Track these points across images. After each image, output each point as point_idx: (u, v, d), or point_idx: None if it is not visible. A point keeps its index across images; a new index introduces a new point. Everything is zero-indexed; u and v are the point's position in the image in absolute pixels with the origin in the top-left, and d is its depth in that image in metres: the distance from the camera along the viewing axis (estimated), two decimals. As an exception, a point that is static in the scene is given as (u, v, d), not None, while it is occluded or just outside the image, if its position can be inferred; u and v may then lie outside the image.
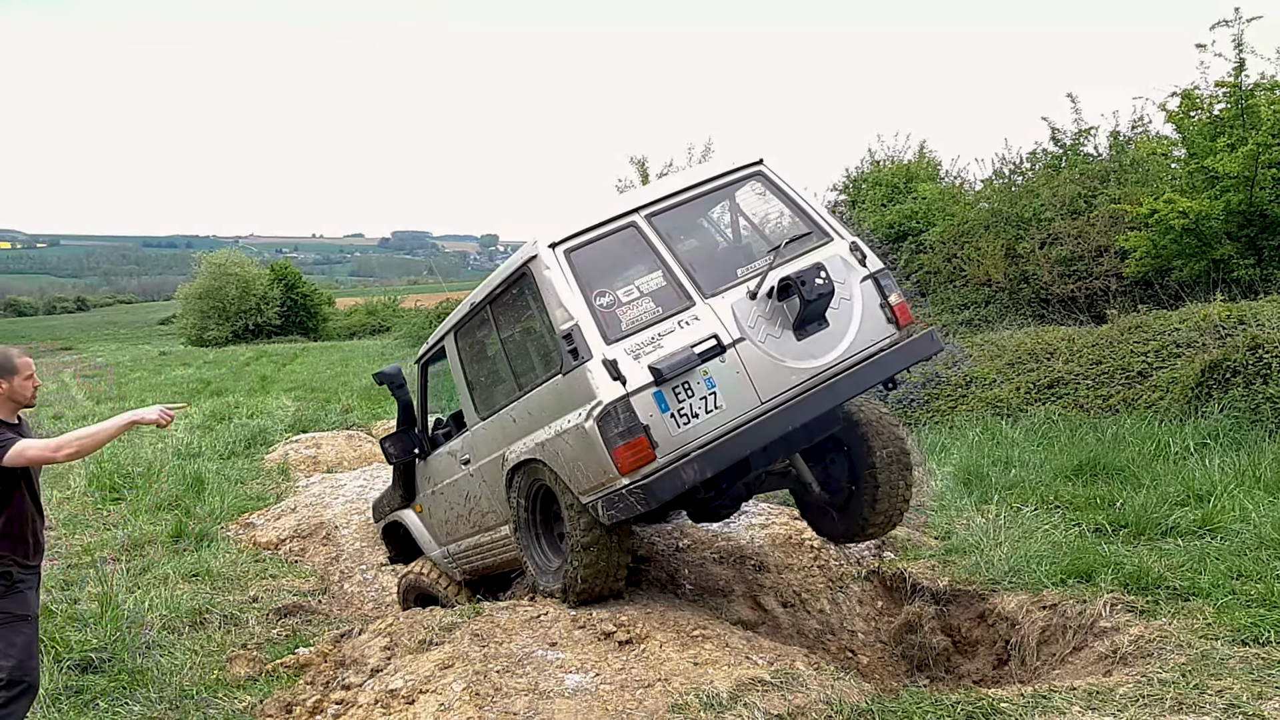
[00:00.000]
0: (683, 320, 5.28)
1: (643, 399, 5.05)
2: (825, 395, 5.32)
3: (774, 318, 5.41)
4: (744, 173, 5.93)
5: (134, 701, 5.31)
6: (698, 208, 5.93)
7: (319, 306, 54.17)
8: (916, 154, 23.09)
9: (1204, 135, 13.10)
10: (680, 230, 5.81)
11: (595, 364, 5.08)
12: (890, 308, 5.67)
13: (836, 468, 6.35)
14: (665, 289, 5.39)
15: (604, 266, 5.46)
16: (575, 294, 5.25)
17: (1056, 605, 5.85)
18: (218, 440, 14.72)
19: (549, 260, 5.34)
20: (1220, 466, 7.70)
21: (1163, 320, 11.37)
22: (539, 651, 5.07)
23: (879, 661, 6.61)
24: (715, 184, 5.86)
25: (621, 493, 5.03)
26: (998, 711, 4.31)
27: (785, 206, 5.89)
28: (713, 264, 5.74)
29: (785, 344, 5.39)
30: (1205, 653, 4.70)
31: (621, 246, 5.54)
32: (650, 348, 5.16)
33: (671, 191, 5.73)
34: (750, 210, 6.03)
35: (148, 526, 9.46)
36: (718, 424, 5.17)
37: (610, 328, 5.20)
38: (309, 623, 6.93)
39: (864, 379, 5.43)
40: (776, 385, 5.31)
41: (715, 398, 5.18)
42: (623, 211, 5.58)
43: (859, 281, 5.65)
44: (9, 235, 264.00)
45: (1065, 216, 15.76)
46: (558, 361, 5.35)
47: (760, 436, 5.18)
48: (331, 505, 10.43)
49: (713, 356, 5.19)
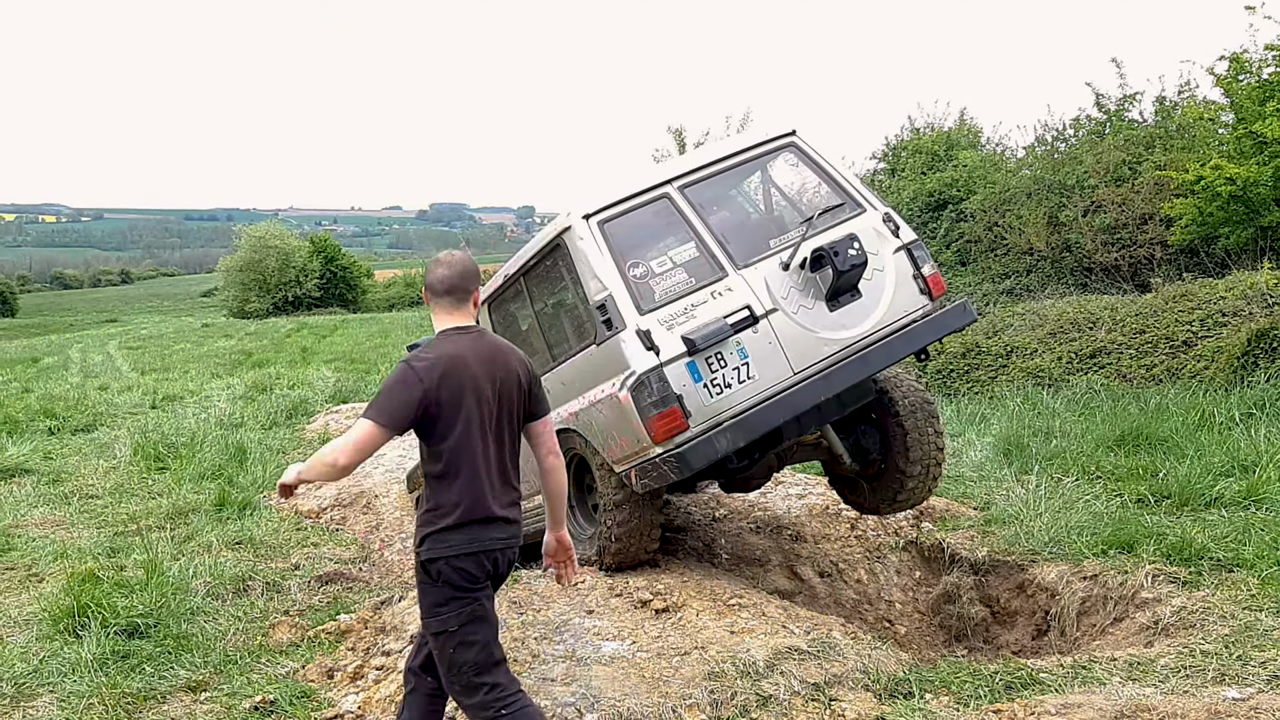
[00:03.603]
0: (716, 291, 5.28)
1: (676, 369, 5.07)
2: (857, 366, 5.32)
3: (807, 289, 5.40)
4: (777, 143, 5.89)
5: (179, 666, 5.39)
6: (731, 179, 5.91)
7: (358, 278, 54.53)
8: (957, 121, 22.78)
9: (1253, 100, 12.80)
10: (713, 201, 5.79)
11: (629, 334, 5.10)
12: (923, 279, 5.64)
13: (868, 439, 6.32)
14: (698, 260, 5.39)
15: (637, 237, 5.46)
16: (609, 265, 5.26)
17: (1097, 576, 5.79)
18: (259, 411, 14.87)
19: (583, 231, 5.35)
20: (1266, 436, 7.59)
21: (1208, 289, 11.19)
22: (576, 619, 5.10)
23: (916, 632, 6.59)
24: (748, 155, 5.83)
25: (655, 461, 5.06)
26: (1037, 682, 4.29)
27: (818, 177, 5.85)
28: (745, 235, 5.72)
29: (818, 315, 5.38)
30: (1249, 624, 4.65)
31: (655, 218, 5.54)
32: (683, 318, 5.17)
33: (704, 162, 5.72)
34: (783, 181, 6.00)
35: (191, 495, 9.58)
36: (750, 394, 5.18)
37: (644, 298, 5.21)
38: (350, 590, 7.00)
39: (896, 350, 5.41)
40: (809, 356, 5.31)
41: (748, 368, 5.19)
42: (656, 183, 5.57)
43: (892, 252, 5.63)
44: (53, 209, 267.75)
45: (1109, 184, 15.51)
46: (591, 332, 5.37)
47: (792, 406, 5.18)
48: (372, 474, 10.52)
49: (745, 327, 5.20)
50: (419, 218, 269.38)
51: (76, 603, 5.89)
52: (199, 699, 5.07)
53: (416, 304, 49.15)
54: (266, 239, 49.95)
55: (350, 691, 5.01)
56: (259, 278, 49.51)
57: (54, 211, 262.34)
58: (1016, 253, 16.62)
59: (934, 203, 19.03)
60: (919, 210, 18.75)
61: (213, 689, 5.18)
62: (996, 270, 16.80)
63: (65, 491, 10.08)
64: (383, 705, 4.74)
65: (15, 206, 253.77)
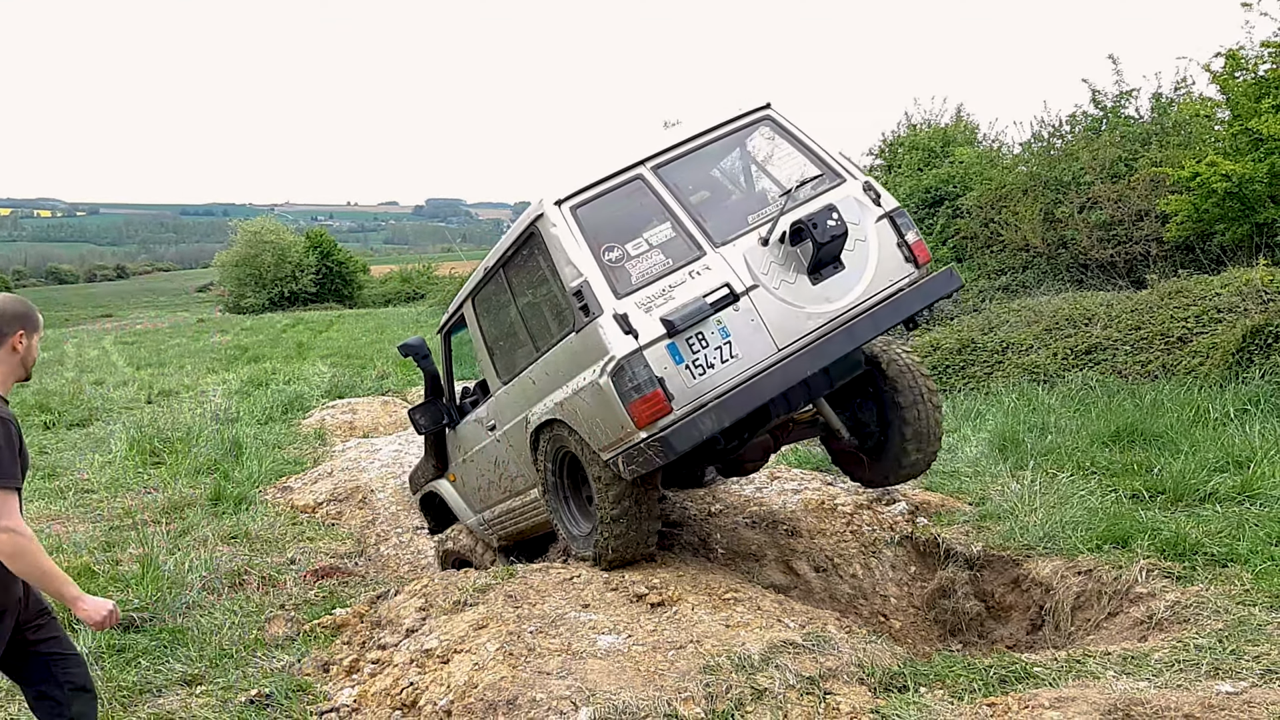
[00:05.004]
0: (694, 270, 5.21)
1: (656, 351, 5.00)
2: (843, 338, 5.23)
3: (788, 263, 5.31)
4: (751, 118, 5.80)
5: (175, 660, 5.39)
6: (706, 156, 5.81)
7: (354, 274, 54.46)
8: (954, 117, 22.81)
9: (1249, 96, 12.80)
10: (689, 180, 5.69)
11: (606, 319, 5.03)
12: (908, 246, 5.54)
13: (865, 412, 6.27)
14: (675, 240, 5.31)
15: (611, 221, 5.38)
16: (583, 250, 5.19)
17: (1092, 571, 5.80)
18: (255, 405, 14.89)
19: (555, 218, 5.28)
20: (1261, 433, 7.59)
21: (1204, 285, 11.20)
22: (572, 613, 5.10)
23: (911, 626, 6.60)
24: (723, 131, 5.74)
25: (640, 446, 4.99)
26: (1031, 675, 4.29)
27: (795, 149, 5.74)
28: (723, 212, 5.64)
29: (800, 289, 5.30)
30: (1242, 619, 4.66)
31: (628, 200, 5.47)
32: (661, 300, 5.10)
33: (678, 141, 5.63)
34: (760, 156, 5.90)
35: (187, 490, 9.59)
36: (734, 373, 5.11)
37: (620, 282, 5.14)
38: (345, 584, 7.01)
39: (882, 320, 5.32)
40: (793, 331, 5.23)
41: (730, 347, 5.12)
42: (628, 165, 5.49)
43: (874, 221, 5.53)
44: (49, 204, 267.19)
45: (1105, 180, 15.52)
46: (570, 320, 5.29)
47: (778, 383, 5.10)
48: (367, 469, 10.53)
49: (725, 305, 5.12)
50: (415, 213, 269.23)
51: (72, 597, 5.87)
52: (195, 693, 5.08)
53: (412, 299, 49.12)
54: (262, 234, 49.87)
55: (346, 685, 5.02)
56: (255, 273, 49.44)
57: (49, 206, 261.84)
58: (1012, 249, 16.64)
59: (930, 199, 19.05)
60: (915, 206, 18.76)
61: (208, 683, 5.19)
62: (992, 266, 16.82)
63: (61, 486, 10.09)
64: (379, 699, 4.75)
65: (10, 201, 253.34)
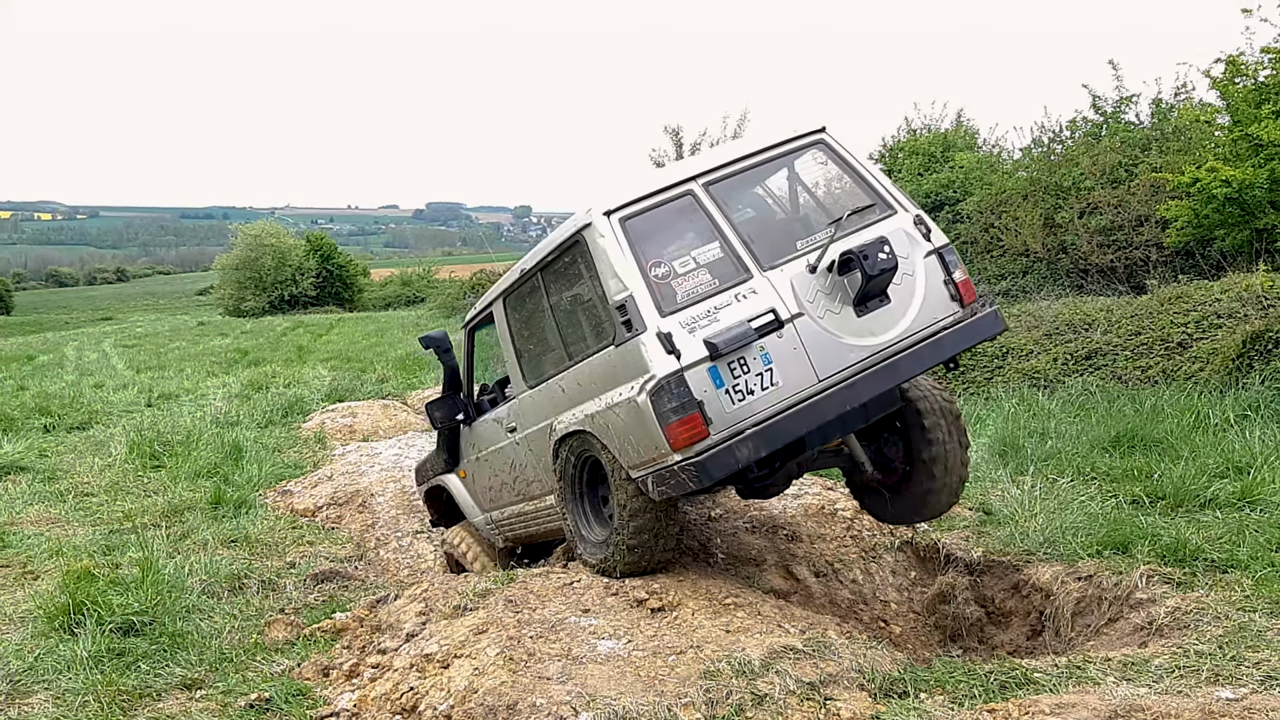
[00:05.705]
0: (740, 293, 5.11)
1: (697, 374, 4.91)
2: (885, 374, 5.14)
3: (834, 293, 5.21)
4: (805, 140, 5.70)
5: (174, 664, 5.39)
6: (756, 176, 5.70)
7: (354, 277, 54.52)
8: (954, 122, 22.86)
9: (1249, 102, 12.80)
10: (738, 200, 5.59)
11: (649, 337, 4.93)
12: (955, 284, 5.43)
13: (891, 447, 6.16)
14: (722, 260, 5.21)
15: (660, 236, 5.28)
16: (630, 264, 5.08)
17: (1092, 576, 5.80)
18: (255, 409, 14.87)
19: (604, 228, 5.18)
20: (1261, 438, 7.60)
21: (1204, 291, 11.21)
22: (572, 618, 5.10)
23: (912, 631, 6.59)
24: (775, 152, 5.64)
25: (673, 469, 4.91)
26: (1031, 681, 4.29)
27: (848, 176, 5.66)
28: (771, 235, 5.52)
29: (845, 320, 5.19)
30: (1243, 625, 4.66)
31: (678, 215, 5.36)
32: (706, 321, 5.00)
33: (730, 159, 5.53)
34: (810, 180, 5.81)
35: (187, 493, 9.58)
36: (773, 401, 5.01)
37: (665, 299, 5.04)
38: (345, 588, 7.01)
39: (925, 358, 5.22)
40: (835, 363, 5.13)
41: (771, 374, 5.02)
42: (680, 179, 5.39)
43: (922, 256, 5.43)
44: (49, 206, 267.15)
45: (1105, 185, 15.53)
46: (610, 332, 5.19)
47: (817, 416, 5.01)
48: (367, 473, 10.52)
49: (770, 332, 5.03)
50: (415, 217, 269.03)
51: (72, 600, 5.89)
52: (194, 697, 5.08)
53: (413, 303, 49.16)
54: (262, 237, 49.94)
55: (346, 689, 5.01)
56: (255, 276, 49.49)
57: (49, 209, 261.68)
58: (1013, 254, 16.65)
59: (930, 204, 19.07)
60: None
61: (208, 687, 5.19)
62: (993, 271, 16.83)
63: (61, 489, 10.08)
64: (379, 703, 4.75)
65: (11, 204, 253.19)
